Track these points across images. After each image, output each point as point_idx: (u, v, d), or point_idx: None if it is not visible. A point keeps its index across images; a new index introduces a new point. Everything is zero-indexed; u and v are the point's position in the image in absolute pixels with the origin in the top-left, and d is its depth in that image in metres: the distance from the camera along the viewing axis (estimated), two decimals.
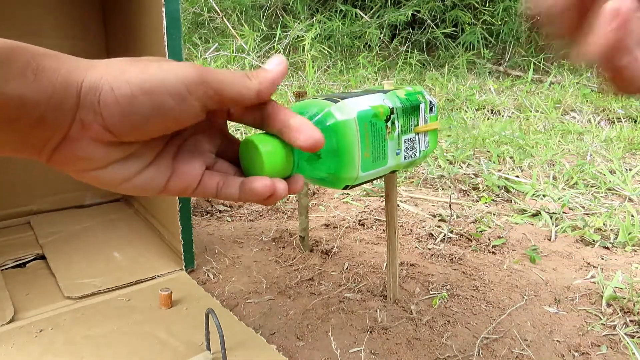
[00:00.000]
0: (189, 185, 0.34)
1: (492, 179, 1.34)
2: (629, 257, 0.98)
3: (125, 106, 0.28)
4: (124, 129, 0.29)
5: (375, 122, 0.48)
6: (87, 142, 0.29)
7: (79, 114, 0.28)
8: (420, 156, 0.57)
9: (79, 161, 0.30)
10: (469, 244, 1.02)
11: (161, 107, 0.29)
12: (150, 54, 0.83)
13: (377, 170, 0.50)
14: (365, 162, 0.47)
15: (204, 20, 3.33)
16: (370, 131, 0.47)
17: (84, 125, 0.28)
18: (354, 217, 1.14)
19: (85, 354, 0.66)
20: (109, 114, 0.28)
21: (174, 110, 0.29)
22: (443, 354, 0.68)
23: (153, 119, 0.29)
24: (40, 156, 0.29)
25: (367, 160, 0.48)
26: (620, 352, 0.70)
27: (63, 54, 0.30)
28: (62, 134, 0.29)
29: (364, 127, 0.46)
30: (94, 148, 0.29)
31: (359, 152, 0.46)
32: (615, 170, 1.45)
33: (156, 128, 0.30)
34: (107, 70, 0.29)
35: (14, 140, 0.28)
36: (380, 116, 0.49)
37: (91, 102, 0.28)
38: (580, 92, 2.40)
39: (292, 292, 0.83)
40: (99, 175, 0.31)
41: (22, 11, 0.99)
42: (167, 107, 0.29)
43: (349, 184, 0.47)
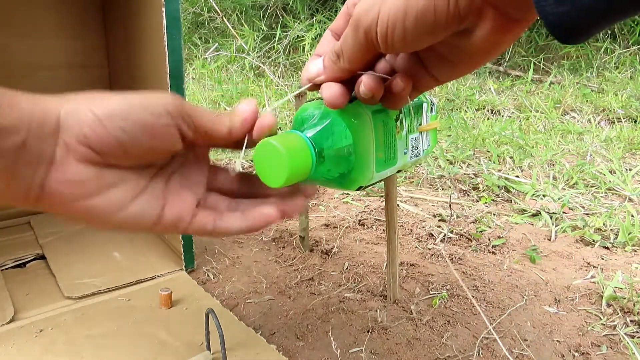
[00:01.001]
0: (183, 218, 0.34)
1: (492, 179, 1.34)
2: (629, 257, 0.98)
3: (107, 123, 0.30)
4: (108, 147, 0.30)
5: (387, 122, 0.48)
6: (75, 164, 0.30)
7: (61, 137, 0.29)
8: (423, 155, 0.57)
9: (70, 186, 0.30)
10: (469, 244, 1.02)
11: (142, 124, 0.30)
12: (151, 54, 0.83)
13: (388, 170, 0.50)
14: (379, 162, 0.47)
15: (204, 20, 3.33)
16: (383, 131, 0.47)
17: (68, 147, 0.29)
18: (354, 217, 1.14)
19: (85, 354, 0.66)
20: (92, 132, 0.29)
21: (153, 128, 0.31)
22: (443, 354, 0.68)
23: (134, 137, 0.30)
24: (30, 193, 0.29)
25: (381, 160, 0.48)
26: (620, 352, 0.70)
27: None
28: (49, 159, 0.29)
29: (378, 128, 0.46)
30: (83, 169, 0.30)
31: (374, 151, 0.46)
32: (615, 170, 1.45)
33: (138, 148, 0.31)
34: (87, 97, 0.30)
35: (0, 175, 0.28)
36: (391, 115, 0.49)
37: (73, 123, 0.29)
38: (580, 92, 2.40)
39: (292, 292, 0.83)
40: (94, 205, 0.31)
41: (21, 11, 0.99)
42: (148, 124, 0.30)
43: (362, 185, 0.47)
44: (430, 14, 0.28)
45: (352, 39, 0.33)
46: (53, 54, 1.02)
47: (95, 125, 0.29)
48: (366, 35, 0.32)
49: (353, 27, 0.32)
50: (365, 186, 0.48)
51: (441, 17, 0.28)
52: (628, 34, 2.90)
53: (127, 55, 0.95)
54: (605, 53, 2.83)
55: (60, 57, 1.03)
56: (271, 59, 2.91)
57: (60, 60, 1.03)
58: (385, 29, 0.30)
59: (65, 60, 1.04)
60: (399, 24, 0.29)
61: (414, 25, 0.29)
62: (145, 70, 0.88)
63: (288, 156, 0.35)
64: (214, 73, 2.66)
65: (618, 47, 2.83)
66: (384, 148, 0.48)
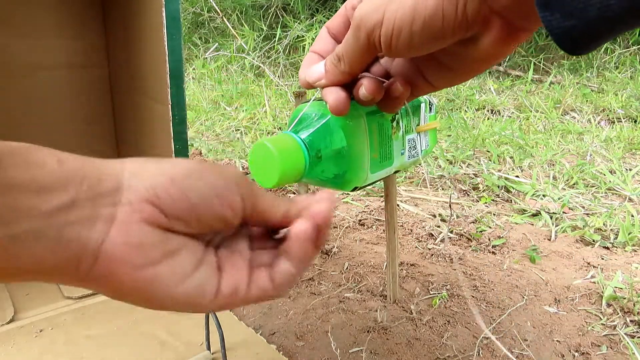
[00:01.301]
0: (239, 285, 0.30)
1: (492, 179, 1.34)
2: (629, 257, 0.98)
3: (181, 183, 0.27)
4: (180, 209, 0.27)
5: (383, 122, 0.48)
6: (140, 225, 0.26)
7: (124, 195, 0.26)
8: (422, 155, 0.57)
9: (134, 250, 0.26)
10: (469, 244, 1.02)
11: (215, 188, 0.28)
12: (150, 54, 0.83)
13: (384, 170, 0.50)
14: (374, 162, 0.47)
15: (204, 20, 3.33)
16: (378, 132, 0.48)
17: (133, 207, 0.26)
18: (354, 217, 1.14)
19: (86, 354, 0.66)
20: (165, 192, 0.27)
21: (224, 194, 0.28)
22: (443, 354, 0.68)
23: (207, 200, 0.28)
24: (82, 259, 0.25)
25: (376, 161, 0.48)
26: (620, 352, 0.70)
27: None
28: (107, 217, 0.26)
29: (372, 129, 0.46)
30: (149, 231, 0.27)
31: (368, 152, 0.46)
32: (615, 170, 1.45)
33: (209, 213, 0.28)
34: (151, 160, 0.28)
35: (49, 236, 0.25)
36: (386, 116, 0.49)
37: (140, 182, 0.27)
38: (580, 92, 2.40)
39: (292, 292, 0.83)
40: (158, 273, 0.27)
41: (21, 11, 0.99)
42: (219, 188, 0.28)
43: (357, 186, 0.47)
44: (438, 20, 0.28)
45: (353, 41, 0.33)
46: (53, 54, 1.02)
47: (168, 184, 0.27)
48: (368, 38, 0.31)
49: (354, 29, 0.32)
50: (361, 187, 0.48)
51: (449, 23, 0.28)
52: (628, 34, 2.90)
53: (127, 55, 0.95)
54: (605, 53, 2.83)
55: (60, 57, 1.03)
56: (271, 59, 2.91)
57: (60, 60, 1.03)
58: (391, 32, 0.30)
59: (65, 60, 1.04)
60: (406, 28, 0.29)
61: (420, 30, 0.29)
62: (145, 70, 0.88)
63: (280, 157, 0.35)
64: (214, 73, 2.66)
65: (618, 47, 2.83)
66: (379, 149, 0.48)
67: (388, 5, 0.29)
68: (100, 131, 1.07)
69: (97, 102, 1.08)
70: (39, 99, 1.02)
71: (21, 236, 0.24)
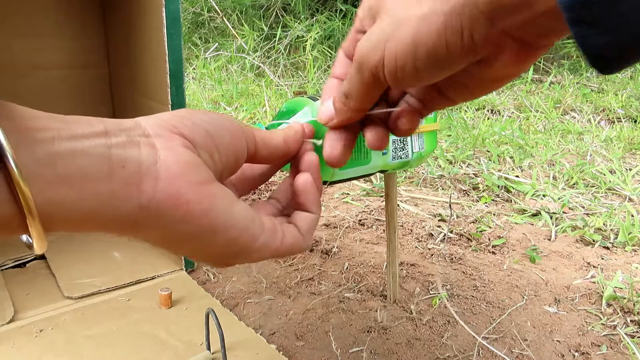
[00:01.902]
0: (276, 224, 0.33)
1: (492, 178, 1.34)
2: (629, 257, 0.98)
3: (191, 116, 0.30)
4: (200, 136, 0.30)
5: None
6: (183, 149, 0.28)
7: (148, 130, 0.28)
8: (414, 157, 0.57)
9: (188, 168, 0.27)
10: (469, 244, 1.02)
11: (221, 123, 0.31)
12: (150, 54, 0.83)
13: (357, 168, 0.51)
14: None
15: (204, 20, 3.33)
16: None
17: (166, 136, 0.28)
18: (354, 217, 1.14)
19: (85, 354, 0.66)
20: (181, 123, 0.29)
21: (230, 128, 0.31)
22: (443, 354, 0.68)
23: (218, 130, 0.30)
24: (145, 180, 0.25)
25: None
26: (620, 352, 0.70)
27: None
28: (149, 143, 0.27)
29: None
30: (191, 155, 0.28)
31: None
32: (615, 170, 1.45)
33: (224, 142, 0.31)
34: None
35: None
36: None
37: (153, 120, 0.28)
38: (580, 92, 2.39)
39: (292, 292, 0.83)
40: (213, 191, 0.28)
41: (20, 11, 0.99)
42: (225, 123, 0.31)
43: (326, 180, 0.48)
44: (443, 50, 0.26)
45: (358, 80, 0.32)
46: (53, 54, 1.02)
47: (180, 118, 0.29)
48: (373, 76, 0.30)
49: (357, 68, 0.31)
50: (331, 182, 0.49)
51: (455, 51, 0.26)
52: None
53: (127, 55, 0.95)
54: None
55: (60, 57, 1.03)
56: (271, 59, 2.91)
57: (60, 60, 1.03)
58: (394, 68, 0.28)
59: (65, 60, 1.04)
60: (409, 62, 0.27)
61: (425, 62, 0.27)
62: (145, 70, 0.88)
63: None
64: (214, 73, 2.66)
65: None
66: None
67: (387, 42, 0.28)
68: None
69: (97, 102, 1.08)
70: (39, 98, 1.02)
71: (64, 154, 0.23)
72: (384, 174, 0.66)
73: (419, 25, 0.26)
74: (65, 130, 0.24)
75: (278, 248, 0.32)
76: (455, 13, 0.25)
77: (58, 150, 0.23)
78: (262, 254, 0.31)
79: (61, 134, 0.23)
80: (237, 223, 0.29)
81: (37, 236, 0.23)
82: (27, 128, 0.22)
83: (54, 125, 0.23)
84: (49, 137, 0.23)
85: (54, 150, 0.23)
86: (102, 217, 0.25)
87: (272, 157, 0.35)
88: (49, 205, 0.23)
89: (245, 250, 0.30)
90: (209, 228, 0.28)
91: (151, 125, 0.27)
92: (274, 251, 0.31)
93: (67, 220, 0.24)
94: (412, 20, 0.26)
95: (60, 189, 0.23)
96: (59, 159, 0.23)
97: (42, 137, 0.23)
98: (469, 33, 0.25)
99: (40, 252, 0.24)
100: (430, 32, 0.26)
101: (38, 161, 0.22)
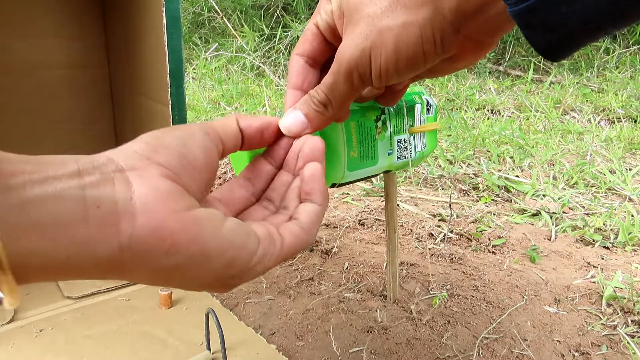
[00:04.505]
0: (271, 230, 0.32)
1: (492, 178, 1.34)
2: (629, 257, 0.98)
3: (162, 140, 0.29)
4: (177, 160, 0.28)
5: (363, 122, 0.48)
6: (159, 179, 0.27)
7: (121, 164, 0.26)
8: (417, 157, 0.57)
9: (167, 198, 0.26)
10: (469, 244, 1.02)
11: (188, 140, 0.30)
12: (150, 54, 0.83)
13: (366, 169, 0.50)
14: (352, 161, 0.48)
15: (204, 20, 3.33)
16: (357, 131, 0.48)
17: (141, 168, 0.27)
18: (354, 217, 1.14)
19: (85, 353, 0.66)
20: (154, 152, 0.28)
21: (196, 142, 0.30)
22: (443, 354, 0.68)
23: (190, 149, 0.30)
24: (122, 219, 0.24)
25: (354, 160, 0.48)
26: (620, 352, 0.70)
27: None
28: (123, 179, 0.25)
29: (349, 127, 0.47)
30: (170, 184, 0.27)
31: (345, 151, 0.46)
32: (615, 170, 1.45)
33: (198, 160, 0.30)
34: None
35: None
36: (369, 116, 0.49)
37: (125, 152, 0.27)
38: (580, 92, 2.39)
39: (292, 292, 0.83)
40: (198, 215, 0.27)
41: (21, 11, 0.99)
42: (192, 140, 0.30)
43: (335, 182, 0.48)
44: (420, 56, 0.31)
45: (346, 87, 0.34)
46: (53, 54, 1.02)
47: (152, 146, 0.27)
48: (361, 80, 0.33)
49: (346, 75, 0.33)
50: (340, 184, 0.49)
51: (429, 56, 0.31)
52: (628, 33, 2.90)
53: (127, 55, 0.95)
54: (606, 53, 2.83)
55: (60, 57, 1.03)
56: (271, 59, 2.91)
57: (60, 60, 1.03)
58: (379, 71, 0.32)
59: (65, 60, 1.04)
60: (392, 66, 0.32)
61: (405, 66, 0.32)
62: (145, 70, 0.88)
63: (251, 152, 0.39)
64: (214, 73, 2.66)
65: (618, 47, 2.82)
66: (358, 148, 0.48)
67: (372, 50, 0.31)
68: (100, 131, 1.07)
69: (97, 102, 1.08)
70: (39, 98, 1.02)
71: (37, 200, 0.22)
72: (384, 174, 0.67)
73: (399, 36, 0.30)
74: (37, 173, 0.23)
75: (279, 254, 0.30)
76: (427, 25, 0.30)
77: (30, 196, 0.22)
78: (265, 265, 0.30)
79: (32, 178, 0.22)
80: (232, 242, 0.27)
81: (8, 291, 0.21)
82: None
83: (26, 169, 0.22)
84: (21, 183, 0.22)
85: (26, 196, 0.22)
86: (81, 263, 0.23)
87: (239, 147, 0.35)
88: (22, 256, 0.21)
89: (245, 268, 0.29)
90: (201, 255, 0.26)
91: (124, 159, 0.26)
92: (276, 257, 0.30)
93: (43, 269, 0.22)
94: (392, 30, 0.30)
95: (34, 238, 0.21)
96: (31, 206, 0.22)
97: (14, 182, 0.21)
98: (440, 41, 0.30)
99: (11, 308, 0.22)
100: (408, 43, 0.30)
101: (10, 209, 0.21)
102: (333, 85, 0.34)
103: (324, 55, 0.37)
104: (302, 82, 0.37)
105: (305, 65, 0.37)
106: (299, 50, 0.37)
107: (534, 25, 0.26)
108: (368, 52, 0.31)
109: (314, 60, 0.37)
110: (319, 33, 0.36)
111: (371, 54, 0.31)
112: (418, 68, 0.32)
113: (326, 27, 0.35)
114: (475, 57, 0.34)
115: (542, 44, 0.27)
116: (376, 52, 0.31)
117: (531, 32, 0.26)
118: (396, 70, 0.32)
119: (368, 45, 0.31)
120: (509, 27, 0.31)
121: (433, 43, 0.30)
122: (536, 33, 0.26)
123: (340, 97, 0.34)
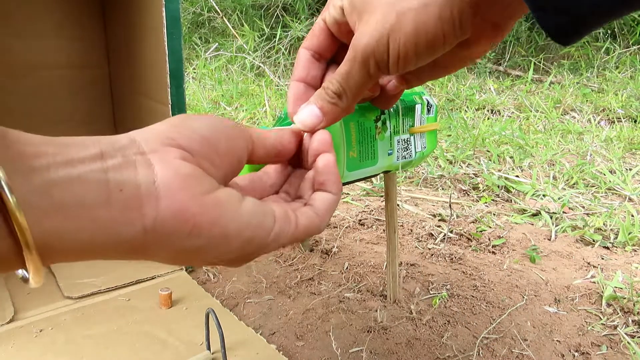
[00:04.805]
0: (288, 211, 0.32)
1: (492, 178, 1.34)
2: (629, 257, 0.98)
3: (185, 123, 0.29)
4: (198, 144, 0.28)
5: (363, 122, 0.48)
6: (180, 162, 0.27)
7: (142, 146, 0.27)
8: (417, 157, 0.57)
9: (188, 181, 0.26)
10: (469, 244, 1.02)
11: (215, 126, 0.30)
12: (150, 54, 0.83)
13: (366, 169, 0.50)
14: (352, 161, 0.48)
15: (204, 20, 3.33)
16: (357, 131, 0.48)
17: (161, 151, 0.27)
18: (354, 217, 1.14)
19: (85, 353, 0.66)
20: (177, 133, 0.28)
21: (226, 131, 0.30)
22: (443, 353, 0.68)
23: (214, 134, 0.29)
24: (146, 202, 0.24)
25: (354, 160, 0.48)
26: (620, 352, 0.70)
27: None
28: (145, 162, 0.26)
29: (349, 127, 0.47)
30: (190, 167, 0.27)
31: (344, 151, 0.46)
32: (615, 170, 1.45)
33: (221, 145, 0.30)
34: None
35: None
36: (368, 116, 0.49)
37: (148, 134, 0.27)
38: (580, 92, 2.39)
39: (292, 292, 0.83)
40: (218, 197, 0.27)
41: (21, 11, 0.99)
42: (220, 126, 0.30)
43: None
44: (440, 38, 0.30)
45: (362, 76, 0.33)
46: (53, 54, 1.02)
47: (175, 128, 0.28)
48: (378, 67, 0.32)
49: (361, 63, 0.32)
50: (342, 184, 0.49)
51: (449, 38, 0.31)
52: (628, 33, 2.90)
53: (127, 55, 0.95)
54: (606, 53, 2.83)
55: (60, 57, 1.03)
56: (271, 59, 2.91)
57: (60, 60, 1.03)
58: (398, 57, 0.31)
59: (65, 60, 1.04)
60: (411, 50, 0.31)
61: (425, 49, 0.31)
62: (145, 70, 0.88)
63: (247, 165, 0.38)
64: (214, 73, 2.66)
65: (618, 46, 2.82)
66: (357, 148, 0.48)
67: (391, 34, 0.31)
68: (100, 131, 1.07)
69: (97, 102, 1.08)
70: (39, 98, 1.02)
71: (60, 182, 0.22)
72: (384, 174, 0.67)
73: (418, 16, 0.30)
74: (60, 155, 0.23)
75: (294, 233, 0.31)
76: (447, 5, 0.29)
77: (54, 177, 0.22)
78: (279, 242, 0.30)
79: (56, 160, 0.23)
80: (250, 223, 0.28)
81: (34, 270, 0.22)
82: (23, 155, 0.22)
83: (49, 151, 0.23)
84: (45, 165, 0.22)
85: (50, 178, 0.22)
86: (105, 244, 0.24)
87: (268, 157, 0.34)
88: (47, 236, 0.22)
89: (262, 245, 0.29)
90: (222, 236, 0.27)
91: (146, 140, 0.27)
92: (290, 237, 0.31)
93: (67, 250, 0.23)
94: (411, 12, 0.30)
95: (58, 219, 0.22)
96: (55, 188, 0.22)
97: (37, 164, 0.22)
98: (459, 22, 0.30)
99: (36, 286, 0.23)
100: (428, 23, 0.30)
101: (34, 190, 0.21)
102: (348, 74, 0.33)
103: (330, 50, 0.38)
104: (306, 74, 0.37)
105: (311, 59, 0.37)
106: (306, 44, 0.38)
107: (546, 7, 0.26)
108: (386, 37, 0.31)
109: (320, 54, 0.38)
110: (326, 28, 0.36)
111: (389, 39, 0.31)
112: (437, 51, 0.31)
113: (333, 23, 0.35)
114: (490, 42, 0.33)
115: (553, 27, 0.27)
116: (395, 36, 0.31)
117: (542, 15, 0.26)
118: (415, 54, 0.31)
119: (386, 30, 0.31)
120: (524, 10, 0.31)
121: (452, 23, 0.30)
122: (547, 16, 0.26)
123: (356, 86, 0.34)
